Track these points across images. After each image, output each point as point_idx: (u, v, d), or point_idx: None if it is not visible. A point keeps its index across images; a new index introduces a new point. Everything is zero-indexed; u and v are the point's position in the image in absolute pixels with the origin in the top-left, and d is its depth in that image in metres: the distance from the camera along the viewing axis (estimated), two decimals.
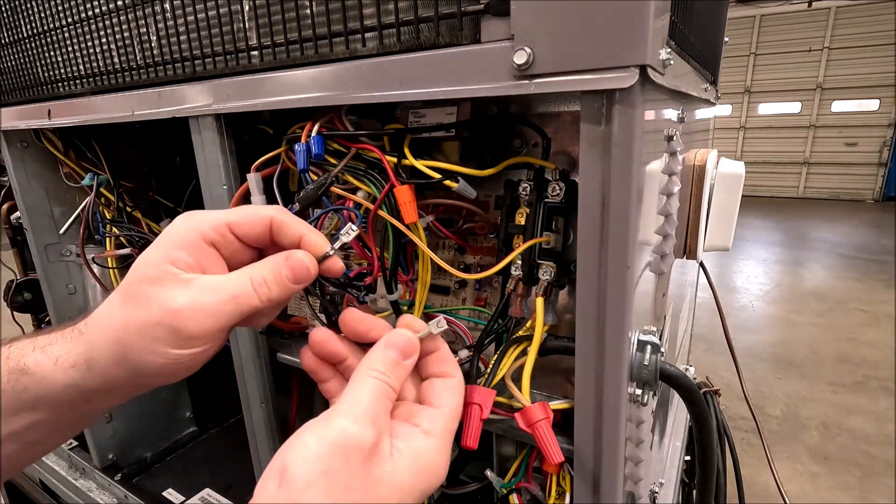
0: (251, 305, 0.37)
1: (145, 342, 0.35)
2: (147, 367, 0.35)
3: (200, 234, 0.37)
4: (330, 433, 0.32)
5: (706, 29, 0.80)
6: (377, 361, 0.39)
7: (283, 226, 0.39)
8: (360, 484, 0.32)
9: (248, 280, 0.37)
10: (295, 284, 0.38)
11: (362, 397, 0.36)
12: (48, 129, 0.95)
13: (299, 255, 0.39)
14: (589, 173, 0.42)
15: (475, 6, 0.43)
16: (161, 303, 0.35)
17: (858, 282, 5.00)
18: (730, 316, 3.81)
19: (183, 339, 0.35)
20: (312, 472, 0.30)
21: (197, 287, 0.36)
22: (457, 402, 0.41)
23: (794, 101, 9.89)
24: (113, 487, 1.11)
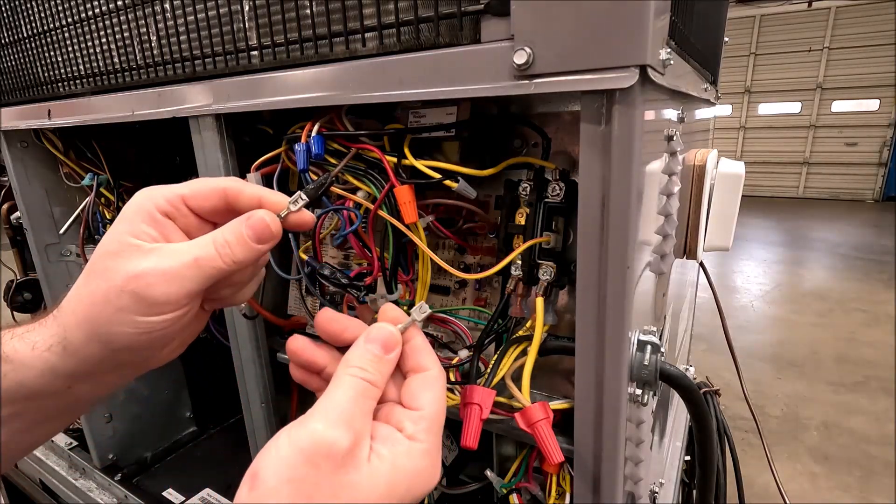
0: (214, 267, 0.36)
1: (111, 312, 0.34)
2: (118, 339, 0.35)
3: (155, 206, 0.37)
4: (301, 438, 0.31)
5: (706, 29, 0.80)
6: (356, 358, 0.37)
7: (238, 193, 0.39)
8: (330, 492, 0.30)
9: (211, 242, 0.36)
10: (258, 244, 0.37)
11: (338, 398, 0.34)
12: (48, 129, 0.95)
13: (259, 213, 0.38)
14: (589, 173, 0.42)
15: (475, 6, 0.43)
16: (123, 272, 0.34)
17: (858, 282, 5.00)
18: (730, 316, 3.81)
19: (148, 306, 0.34)
20: (279, 478, 0.30)
21: (158, 253, 0.35)
22: (437, 399, 0.38)
23: (794, 101, 9.89)
24: (113, 487, 1.11)
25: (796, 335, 3.89)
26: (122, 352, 0.36)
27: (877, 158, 9.42)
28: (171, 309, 0.35)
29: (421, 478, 0.35)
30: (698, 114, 0.89)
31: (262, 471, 0.30)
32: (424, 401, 0.37)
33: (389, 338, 0.38)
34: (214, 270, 0.36)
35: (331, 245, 0.76)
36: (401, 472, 0.34)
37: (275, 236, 0.38)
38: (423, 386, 0.38)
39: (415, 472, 0.34)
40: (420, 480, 0.35)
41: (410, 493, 0.34)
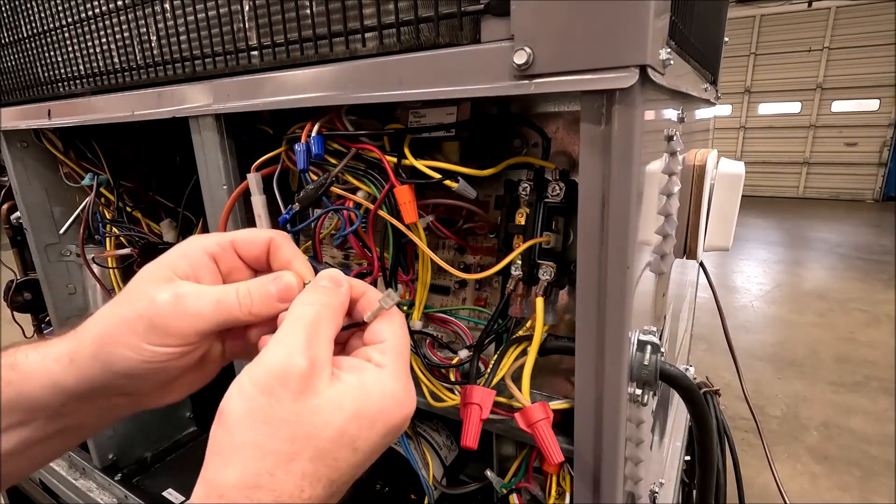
0: (232, 314, 0.37)
1: (123, 334, 0.35)
2: (120, 363, 0.35)
3: (203, 247, 0.39)
4: (257, 369, 0.32)
5: (706, 29, 0.80)
6: (305, 291, 0.37)
7: (279, 247, 0.41)
8: (292, 417, 0.31)
9: (234, 290, 0.38)
10: (279, 302, 0.38)
11: (290, 328, 0.34)
12: (48, 129, 0.95)
13: (288, 275, 0.39)
14: (589, 173, 0.42)
15: (475, 6, 0.43)
16: (146, 298, 0.36)
17: (858, 282, 5.00)
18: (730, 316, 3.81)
19: (159, 335, 0.35)
20: (240, 411, 0.31)
21: (184, 288, 0.37)
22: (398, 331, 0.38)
23: (794, 101, 9.89)
24: (113, 487, 1.11)
25: (796, 335, 3.89)
26: (122, 377, 0.36)
27: (877, 158, 9.42)
28: (179, 343, 0.36)
29: (393, 400, 0.34)
30: (698, 114, 0.89)
31: (226, 406, 0.31)
32: (386, 333, 0.38)
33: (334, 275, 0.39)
34: (230, 316, 0.37)
35: (331, 245, 0.75)
36: (369, 394, 0.34)
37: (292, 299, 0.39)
38: (380, 322, 0.38)
39: (385, 394, 0.34)
40: (391, 403, 0.34)
41: (383, 417, 0.34)
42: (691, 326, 1.61)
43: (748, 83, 10.18)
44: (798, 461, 2.51)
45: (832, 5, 9.15)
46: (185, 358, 0.37)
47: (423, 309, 0.66)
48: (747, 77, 10.15)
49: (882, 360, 3.42)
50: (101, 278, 1.04)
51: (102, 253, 1.00)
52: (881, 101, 9.17)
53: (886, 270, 5.30)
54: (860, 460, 2.50)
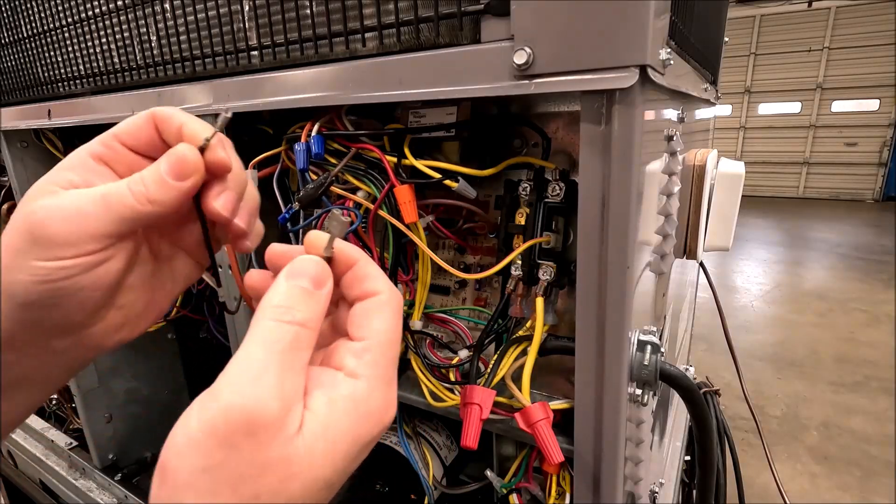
0: (125, 204, 0.31)
1: (10, 257, 0.30)
2: (19, 290, 0.30)
3: (89, 151, 0.33)
4: (214, 414, 0.25)
5: (706, 29, 0.80)
6: (278, 297, 0.29)
7: (165, 118, 0.34)
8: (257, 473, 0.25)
9: (126, 181, 0.31)
10: (177, 180, 0.31)
11: (257, 354, 0.27)
12: (48, 129, 0.95)
13: (179, 146, 0.32)
14: (589, 173, 0.42)
15: (475, 6, 0.43)
16: (25, 213, 0.30)
17: (858, 282, 5.00)
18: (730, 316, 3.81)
19: (44, 247, 0.29)
20: (192, 468, 0.25)
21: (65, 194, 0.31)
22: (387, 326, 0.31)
23: (794, 101, 9.89)
24: (113, 487, 1.11)
25: (796, 335, 3.89)
26: (29, 309, 0.31)
27: (877, 158, 9.42)
28: (73, 253, 0.30)
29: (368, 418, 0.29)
30: (698, 114, 0.89)
31: (171, 462, 0.25)
32: (370, 329, 0.30)
33: (315, 269, 0.31)
34: (126, 209, 0.31)
35: None
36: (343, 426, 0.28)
37: (194, 170, 0.32)
38: (368, 312, 0.31)
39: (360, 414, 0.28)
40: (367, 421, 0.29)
41: (358, 444, 0.28)
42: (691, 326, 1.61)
43: (748, 83, 10.18)
44: (798, 461, 2.51)
45: (832, 5, 9.15)
46: (92, 274, 0.31)
47: (423, 309, 0.66)
48: (747, 77, 10.15)
49: (882, 360, 3.42)
50: None
51: None
52: (881, 101, 9.18)
53: (886, 270, 5.30)
54: (860, 460, 2.50)
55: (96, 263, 0.31)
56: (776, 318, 4.28)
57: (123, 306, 0.35)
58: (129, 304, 0.36)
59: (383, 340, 0.30)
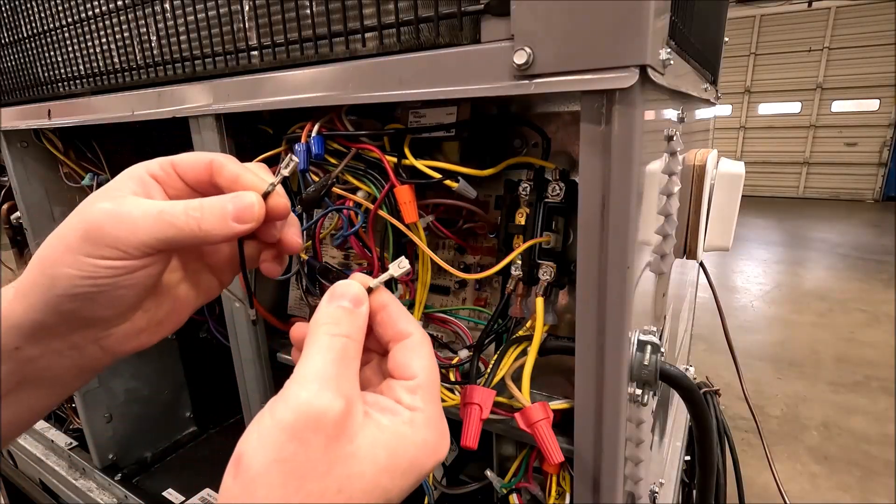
0: (175, 225, 0.33)
1: (60, 252, 0.32)
2: (62, 282, 0.32)
3: (147, 168, 0.37)
4: (285, 411, 0.28)
5: (706, 29, 0.80)
6: (325, 317, 0.33)
7: (221, 166, 0.37)
8: (324, 468, 0.27)
9: (183, 203, 0.34)
10: (236, 223, 0.35)
11: (318, 361, 0.30)
12: (48, 129, 0.95)
13: (248, 194, 0.36)
14: (589, 173, 0.42)
15: (475, 6, 0.43)
16: (84, 212, 0.33)
17: (858, 282, 5.00)
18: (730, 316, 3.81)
19: (95, 245, 0.32)
20: (264, 460, 0.27)
21: (128, 200, 0.34)
22: (428, 364, 0.35)
23: (794, 101, 9.89)
24: (113, 487, 1.11)
25: (796, 335, 3.89)
26: (67, 300, 0.33)
27: (877, 158, 9.42)
28: (118, 256, 0.32)
29: (427, 449, 0.32)
30: (698, 114, 0.89)
31: (246, 454, 0.28)
32: (415, 368, 0.34)
33: (353, 290, 0.35)
34: (174, 230, 0.33)
35: (331, 245, 0.75)
36: (404, 444, 0.31)
37: (256, 218, 0.36)
38: (409, 353, 0.35)
39: (420, 444, 0.31)
40: (426, 452, 0.32)
41: (416, 467, 0.31)
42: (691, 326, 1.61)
43: (748, 83, 10.18)
44: (798, 461, 2.51)
45: (832, 5, 9.15)
46: (132, 276, 0.33)
47: (423, 309, 0.66)
48: (747, 77, 10.15)
49: (882, 360, 3.42)
50: None
51: None
52: (881, 101, 9.17)
53: (886, 270, 5.30)
54: (860, 460, 2.50)
55: (138, 268, 0.34)
56: (776, 318, 4.28)
57: (149, 310, 0.38)
58: (154, 310, 0.39)
59: (429, 378, 0.34)
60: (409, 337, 0.36)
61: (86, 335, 0.36)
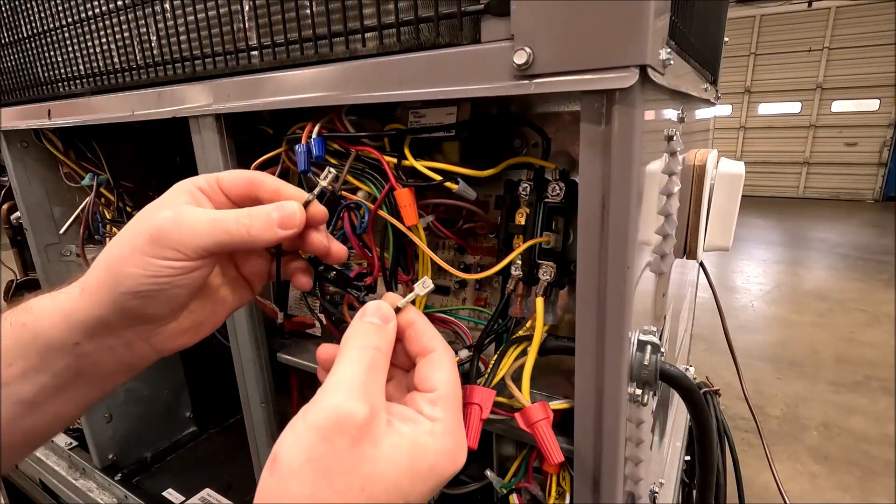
0: (228, 231, 0.37)
1: (127, 255, 0.36)
2: (127, 280, 0.36)
3: (195, 183, 0.41)
4: (316, 415, 0.31)
5: (706, 29, 0.80)
6: (356, 333, 0.37)
7: (262, 181, 0.42)
8: (349, 468, 0.30)
9: (234, 212, 0.39)
10: (281, 229, 0.39)
11: (347, 371, 0.34)
12: (48, 129, 0.95)
13: (291, 204, 0.40)
14: (589, 173, 0.42)
15: (475, 6, 0.43)
16: (148, 219, 0.37)
17: (858, 282, 5.00)
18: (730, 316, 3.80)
19: (160, 247, 0.36)
20: (297, 459, 0.30)
21: (183, 208, 0.38)
22: (450, 377, 0.38)
23: (794, 101, 9.89)
24: (113, 487, 1.11)
25: (796, 335, 3.89)
26: (129, 297, 0.36)
27: (877, 158, 9.42)
28: (179, 257, 0.36)
29: (446, 456, 0.34)
30: (698, 114, 0.89)
31: (281, 453, 0.31)
32: (436, 381, 0.37)
33: (383, 309, 0.39)
34: (227, 235, 0.37)
35: None
36: (423, 450, 0.33)
37: (297, 225, 0.40)
38: (432, 367, 0.38)
39: (439, 451, 0.34)
40: (445, 459, 0.34)
41: (435, 473, 0.34)
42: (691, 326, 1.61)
43: (748, 83, 10.18)
44: (798, 461, 2.51)
45: (832, 5, 9.15)
46: (187, 277, 0.37)
47: (423, 309, 0.66)
48: (747, 77, 10.15)
49: (882, 360, 3.42)
50: None
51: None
52: (881, 101, 9.18)
53: (886, 270, 5.30)
54: (860, 460, 2.50)
55: (192, 269, 0.38)
56: (776, 318, 4.28)
57: (194, 311, 0.42)
58: (198, 311, 0.43)
59: (450, 390, 0.37)
60: (434, 352, 0.39)
61: (139, 332, 0.40)
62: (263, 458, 0.82)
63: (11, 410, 0.38)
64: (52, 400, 0.39)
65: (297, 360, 0.75)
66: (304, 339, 0.81)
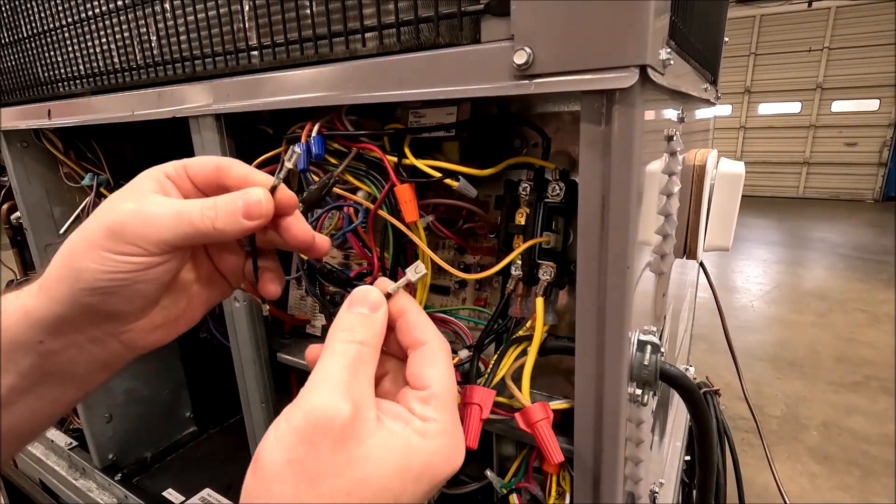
0: (193, 224, 0.35)
1: (84, 249, 0.34)
2: (85, 275, 0.34)
3: (163, 170, 0.39)
4: (297, 415, 0.30)
5: (706, 29, 0.80)
6: (341, 326, 0.35)
7: (228, 169, 0.39)
8: (334, 470, 0.29)
9: (199, 203, 0.36)
10: (245, 218, 0.36)
11: (330, 367, 0.32)
12: (48, 129, 0.95)
13: (256, 191, 0.37)
14: (589, 173, 0.42)
15: (475, 6, 0.43)
16: (109, 210, 0.35)
17: (858, 282, 5.00)
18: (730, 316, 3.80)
19: (117, 241, 0.34)
20: (279, 461, 0.29)
21: (145, 199, 0.36)
22: (443, 373, 0.35)
23: (794, 101, 9.89)
24: (113, 487, 1.11)
25: (796, 335, 3.89)
26: (89, 293, 0.34)
27: (877, 158, 9.42)
28: (139, 252, 0.34)
29: (440, 456, 0.32)
30: (698, 114, 0.89)
31: (262, 455, 0.29)
32: (428, 377, 0.35)
33: (371, 296, 0.36)
34: (191, 228, 0.35)
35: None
36: (415, 450, 0.31)
37: (265, 214, 0.37)
38: (424, 362, 0.36)
39: (432, 451, 0.32)
40: (439, 460, 0.32)
41: (429, 474, 0.32)
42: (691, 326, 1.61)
43: (748, 83, 10.18)
44: (798, 461, 2.51)
45: (832, 5, 9.15)
46: (150, 272, 0.35)
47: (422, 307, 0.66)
48: (747, 77, 10.15)
49: (882, 360, 3.42)
50: None
51: None
52: (881, 101, 9.17)
53: (886, 270, 5.30)
54: (860, 460, 2.50)
55: (156, 264, 0.35)
56: (776, 318, 4.28)
57: (166, 307, 0.40)
58: (171, 307, 0.40)
59: (443, 387, 0.35)
60: (425, 345, 0.36)
61: (106, 329, 0.37)
62: None
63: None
64: (25, 398, 0.37)
65: (297, 360, 0.75)
66: (304, 339, 0.81)
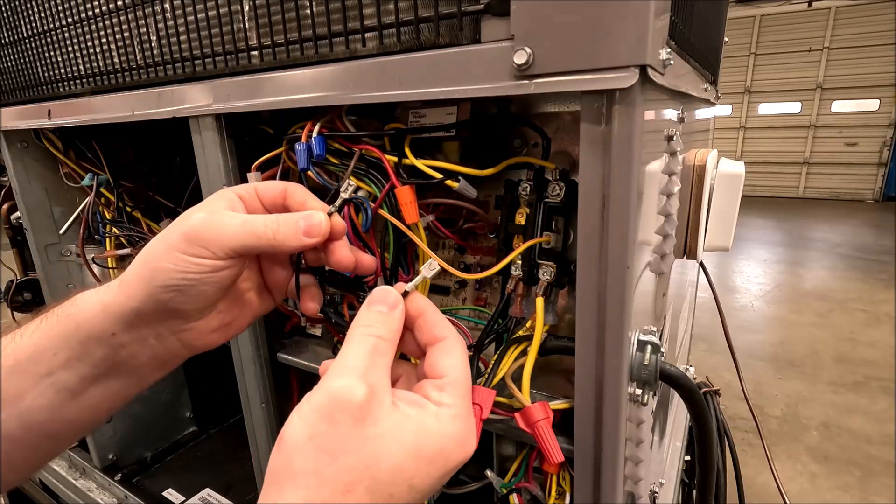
0: (256, 234, 0.40)
1: (162, 251, 0.39)
2: (160, 275, 0.39)
3: (235, 191, 0.44)
4: (317, 395, 0.32)
5: (706, 29, 0.80)
6: (361, 322, 0.38)
7: (294, 191, 0.46)
8: (353, 445, 0.31)
9: (262, 217, 0.42)
10: (306, 236, 0.42)
11: (349, 355, 0.35)
12: (48, 129, 0.95)
13: (318, 215, 0.43)
14: (589, 173, 0.42)
15: (475, 6, 0.43)
16: (185, 218, 0.41)
17: (858, 282, 5.00)
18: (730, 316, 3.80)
19: (192, 245, 0.39)
20: (301, 436, 0.31)
21: (218, 212, 0.41)
22: (459, 364, 0.38)
23: (794, 101, 9.89)
24: (113, 487, 1.11)
25: (796, 335, 3.89)
26: (162, 290, 0.39)
27: (877, 158, 9.42)
28: (209, 256, 0.39)
29: (454, 441, 0.34)
30: (698, 114, 0.89)
31: (286, 433, 0.32)
32: (445, 367, 0.38)
33: (390, 296, 0.40)
34: (255, 237, 0.40)
35: None
36: (430, 433, 0.33)
37: (321, 234, 0.43)
38: (441, 354, 0.39)
39: (446, 435, 0.34)
40: (453, 443, 0.34)
41: (442, 457, 0.33)
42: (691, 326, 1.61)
43: (748, 83, 10.18)
44: (798, 461, 2.51)
45: (832, 5, 9.15)
46: (215, 275, 0.40)
47: None
48: (747, 77, 10.15)
49: (882, 360, 3.42)
50: (101, 278, 1.04)
51: (102, 253, 1.00)
52: (881, 101, 9.18)
53: (886, 270, 5.30)
54: (860, 460, 2.50)
55: (220, 268, 0.40)
56: (776, 318, 4.28)
57: (222, 311, 0.45)
58: (225, 312, 0.46)
59: (458, 376, 0.37)
60: (444, 340, 0.40)
61: (170, 326, 0.42)
62: (263, 457, 0.82)
63: (56, 398, 0.40)
64: (91, 389, 0.41)
65: (297, 360, 0.75)
66: (305, 339, 0.81)
